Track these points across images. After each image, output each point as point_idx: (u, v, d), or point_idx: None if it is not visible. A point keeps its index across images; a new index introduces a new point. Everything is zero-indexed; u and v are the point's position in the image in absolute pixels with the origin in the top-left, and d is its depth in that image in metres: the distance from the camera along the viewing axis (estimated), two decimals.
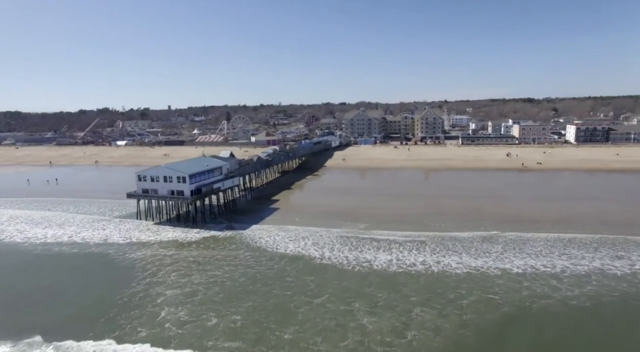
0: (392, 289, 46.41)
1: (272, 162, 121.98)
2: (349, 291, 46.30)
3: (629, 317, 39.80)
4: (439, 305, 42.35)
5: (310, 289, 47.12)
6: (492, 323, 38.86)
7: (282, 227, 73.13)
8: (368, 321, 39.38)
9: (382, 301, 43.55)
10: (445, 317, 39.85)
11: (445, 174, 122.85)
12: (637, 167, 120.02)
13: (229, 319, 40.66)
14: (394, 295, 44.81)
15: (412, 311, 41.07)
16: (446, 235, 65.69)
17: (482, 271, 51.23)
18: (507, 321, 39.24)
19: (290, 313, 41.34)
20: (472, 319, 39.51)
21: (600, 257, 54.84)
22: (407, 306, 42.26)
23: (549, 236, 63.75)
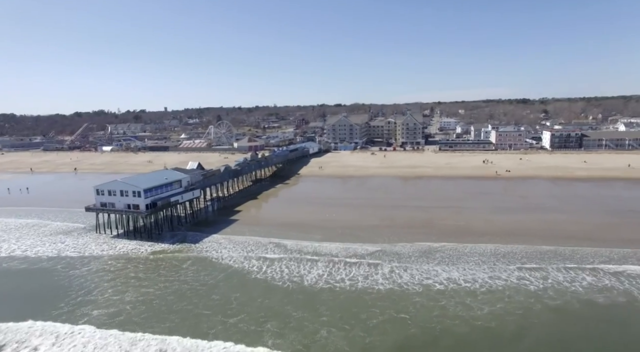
0: (309, 307, 48.11)
1: (241, 172, 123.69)
2: (267, 309, 47.99)
3: (526, 338, 41.25)
4: (348, 326, 43.98)
5: (231, 307, 48.79)
6: (393, 347, 40.35)
7: (234, 240, 75.03)
8: (272, 343, 41.03)
9: (295, 321, 45.20)
10: (348, 340, 41.40)
11: (412, 183, 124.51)
12: (600, 175, 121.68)
13: (142, 344, 42.14)
14: (308, 314, 46.49)
15: (319, 333, 42.70)
16: (388, 249, 67.39)
17: (405, 287, 52.92)
18: (408, 344, 40.79)
19: (201, 334, 42.95)
20: (374, 342, 41.08)
21: (522, 270, 56.68)
22: (316, 326, 43.91)
23: (486, 249, 65.57)
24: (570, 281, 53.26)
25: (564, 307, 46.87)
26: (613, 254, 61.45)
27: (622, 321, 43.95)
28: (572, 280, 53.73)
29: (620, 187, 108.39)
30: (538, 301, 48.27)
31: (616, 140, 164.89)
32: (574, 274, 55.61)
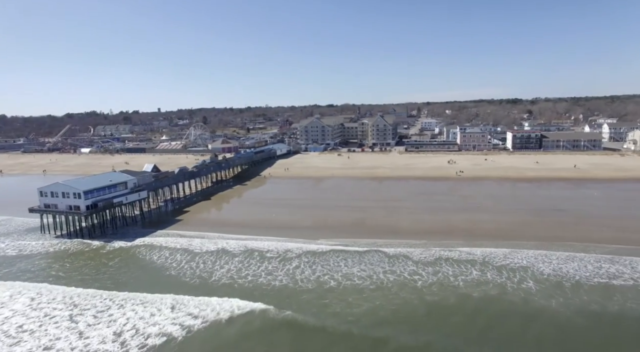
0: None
1: (198, 174, 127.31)
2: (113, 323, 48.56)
3: (392, 338, 43.31)
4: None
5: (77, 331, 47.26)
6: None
7: (170, 238, 79.18)
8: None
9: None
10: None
11: (364, 183, 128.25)
12: (546, 175, 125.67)
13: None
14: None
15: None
16: (307, 246, 71.14)
17: (299, 283, 56.50)
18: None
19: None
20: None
21: (419, 266, 60.41)
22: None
23: (398, 246, 69.06)
24: (456, 276, 57.08)
25: (438, 302, 50.22)
26: (512, 251, 65.12)
27: (491, 313, 47.45)
28: (459, 274, 57.61)
29: (556, 187, 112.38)
30: (418, 297, 51.74)
31: (573, 141, 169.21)
32: (464, 268, 59.50)
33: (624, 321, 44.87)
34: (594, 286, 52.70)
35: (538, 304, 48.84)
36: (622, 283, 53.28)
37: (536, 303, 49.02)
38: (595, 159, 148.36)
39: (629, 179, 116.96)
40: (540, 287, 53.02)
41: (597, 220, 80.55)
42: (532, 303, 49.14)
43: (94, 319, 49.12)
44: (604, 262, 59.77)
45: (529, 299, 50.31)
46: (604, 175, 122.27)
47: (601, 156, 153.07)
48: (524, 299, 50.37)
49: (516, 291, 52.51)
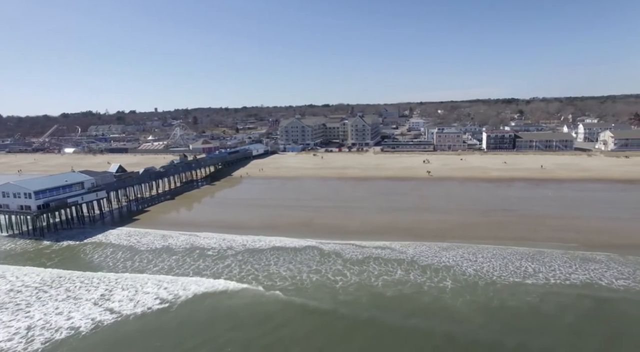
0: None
1: (165, 174, 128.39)
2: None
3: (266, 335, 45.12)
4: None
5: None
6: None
7: (113, 239, 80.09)
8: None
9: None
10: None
11: (329, 183, 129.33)
12: (509, 175, 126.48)
13: None
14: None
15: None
16: (243, 243, 73.12)
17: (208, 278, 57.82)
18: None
19: None
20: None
21: (346, 265, 61.44)
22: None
23: (327, 249, 69.11)
24: (379, 276, 58.08)
25: (348, 302, 51.00)
26: (445, 250, 66.21)
27: (394, 312, 48.62)
28: (383, 274, 58.66)
29: (515, 187, 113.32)
30: (331, 297, 52.50)
31: (545, 141, 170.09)
32: (391, 268, 60.56)
33: (517, 317, 46.04)
34: (506, 285, 53.81)
35: (444, 302, 49.93)
36: (534, 281, 54.41)
37: (443, 302, 50.10)
38: (563, 159, 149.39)
39: (587, 179, 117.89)
40: (454, 286, 54.10)
41: (539, 219, 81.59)
42: (439, 302, 50.24)
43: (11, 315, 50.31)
44: (525, 261, 60.95)
45: (440, 297, 51.41)
46: (565, 175, 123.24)
47: (570, 156, 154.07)
48: (435, 297, 51.45)
49: (431, 290, 53.59)
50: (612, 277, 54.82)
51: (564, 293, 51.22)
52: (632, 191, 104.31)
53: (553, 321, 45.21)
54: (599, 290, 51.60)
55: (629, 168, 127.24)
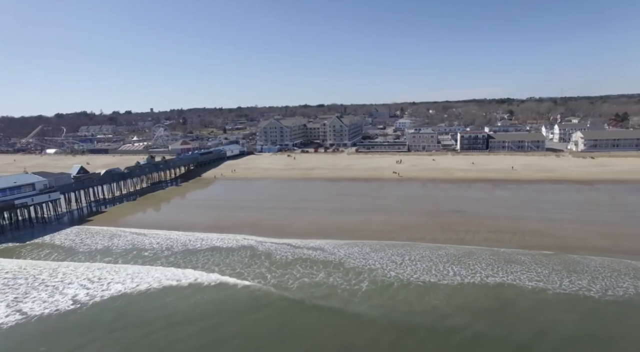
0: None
1: (130, 175, 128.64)
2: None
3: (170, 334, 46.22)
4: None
5: None
6: None
7: (57, 240, 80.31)
8: None
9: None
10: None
11: (293, 184, 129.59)
12: (474, 176, 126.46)
13: None
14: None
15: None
16: (183, 247, 72.85)
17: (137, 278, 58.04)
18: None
19: None
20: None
21: (272, 269, 61.64)
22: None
23: (260, 249, 69.51)
24: (299, 278, 58.17)
25: (250, 304, 51.39)
26: (377, 252, 66.38)
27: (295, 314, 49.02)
28: (304, 276, 58.76)
29: (475, 188, 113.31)
30: (234, 297, 53.20)
31: (518, 142, 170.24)
32: (315, 269, 60.68)
33: (417, 318, 46.31)
34: (419, 286, 54.02)
35: (350, 307, 49.68)
36: (449, 283, 54.58)
37: (350, 305, 50.01)
38: (531, 159, 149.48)
39: (547, 180, 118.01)
40: (369, 289, 54.18)
41: (483, 220, 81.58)
42: (349, 305, 50.00)
43: None
44: (451, 262, 61.02)
45: (350, 300, 51.39)
46: (528, 176, 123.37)
47: (539, 157, 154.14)
48: (344, 300, 51.40)
49: (344, 292, 53.64)
50: (526, 278, 54.96)
51: (471, 294, 51.41)
52: (585, 191, 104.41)
53: (451, 321, 45.40)
54: (506, 291, 51.85)
55: (590, 169, 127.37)
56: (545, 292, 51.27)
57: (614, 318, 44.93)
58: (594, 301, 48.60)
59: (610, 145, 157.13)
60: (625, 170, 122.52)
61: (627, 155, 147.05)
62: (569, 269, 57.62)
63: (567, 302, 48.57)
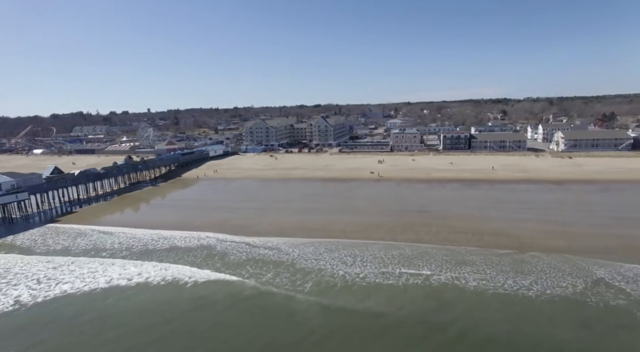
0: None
1: (106, 175, 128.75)
2: None
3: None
4: None
5: None
6: None
7: (18, 241, 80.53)
8: None
9: None
10: None
11: (269, 184, 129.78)
12: (451, 176, 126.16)
13: None
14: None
15: None
16: (144, 247, 73.03)
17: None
18: None
19: None
20: None
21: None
22: None
23: (219, 249, 70.05)
24: (249, 277, 58.39)
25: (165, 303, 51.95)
26: (330, 252, 66.49)
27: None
28: (253, 276, 58.90)
29: (448, 188, 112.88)
30: (178, 297, 53.42)
31: (499, 142, 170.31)
32: (263, 270, 60.81)
33: (350, 319, 46.39)
34: (362, 287, 54.07)
35: (287, 308, 49.80)
36: (394, 283, 54.65)
37: (288, 307, 50.03)
38: (510, 159, 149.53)
39: (521, 180, 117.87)
40: (312, 290, 53.98)
41: (447, 221, 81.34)
42: (287, 307, 50.09)
43: None
44: (403, 263, 60.99)
45: (289, 302, 51.41)
46: (503, 176, 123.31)
47: (518, 157, 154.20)
48: (283, 301, 51.44)
49: (287, 293, 53.73)
50: (472, 279, 55.01)
51: (412, 295, 51.40)
52: (555, 191, 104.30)
53: (383, 322, 45.47)
54: (448, 291, 51.92)
55: (566, 169, 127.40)
56: (486, 292, 51.33)
57: (545, 317, 44.94)
58: (529, 301, 48.68)
59: (590, 145, 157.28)
60: (597, 170, 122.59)
61: (604, 155, 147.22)
62: (517, 269, 57.71)
63: (502, 303, 48.63)
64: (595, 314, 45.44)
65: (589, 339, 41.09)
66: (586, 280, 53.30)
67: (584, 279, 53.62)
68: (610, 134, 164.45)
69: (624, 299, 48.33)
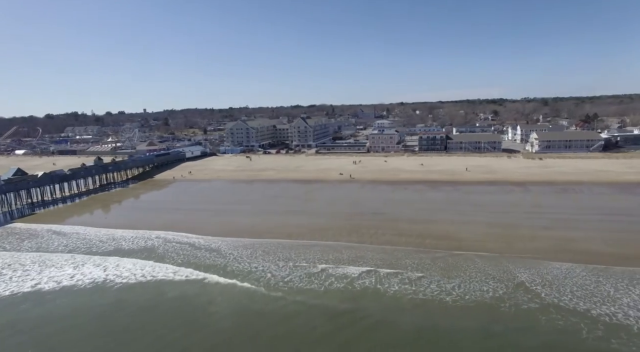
0: None
1: (73, 176, 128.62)
2: None
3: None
4: None
5: None
6: None
7: None
8: None
9: None
10: None
11: (235, 186, 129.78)
12: (415, 178, 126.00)
13: None
14: None
15: None
16: (88, 249, 72.80)
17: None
18: None
19: None
20: None
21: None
22: None
23: (163, 249, 70.14)
24: (171, 275, 58.30)
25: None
26: (265, 253, 66.48)
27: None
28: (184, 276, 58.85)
29: (411, 190, 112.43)
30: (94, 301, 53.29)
31: (475, 143, 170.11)
32: (188, 273, 60.76)
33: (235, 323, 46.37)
34: (276, 299, 53.40)
35: (198, 311, 49.90)
36: (314, 288, 54.53)
37: (195, 311, 50.10)
38: (483, 161, 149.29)
39: (487, 181, 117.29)
40: (226, 297, 54.09)
41: (395, 223, 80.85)
42: (195, 311, 50.19)
43: None
44: (331, 268, 60.73)
45: (201, 307, 51.42)
46: (469, 177, 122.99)
47: (491, 158, 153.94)
48: (194, 307, 51.43)
49: (189, 293, 54.37)
50: (395, 283, 54.81)
51: (325, 300, 51.01)
52: (514, 192, 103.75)
53: (275, 329, 45.44)
54: (365, 296, 51.86)
55: (532, 170, 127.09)
56: (404, 298, 50.98)
57: (450, 323, 44.77)
58: (443, 306, 48.47)
59: (564, 147, 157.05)
60: (563, 172, 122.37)
61: (575, 156, 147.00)
62: (445, 273, 57.52)
63: (416, 307, 48.43)
64: (504, 318, 45.27)
65: (486, 345, 40.98)
66: (508, 284, 53.17)
67: (506, 283, 53.47)
68: (582, 135, 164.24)
69: (537, 303, 48.20)
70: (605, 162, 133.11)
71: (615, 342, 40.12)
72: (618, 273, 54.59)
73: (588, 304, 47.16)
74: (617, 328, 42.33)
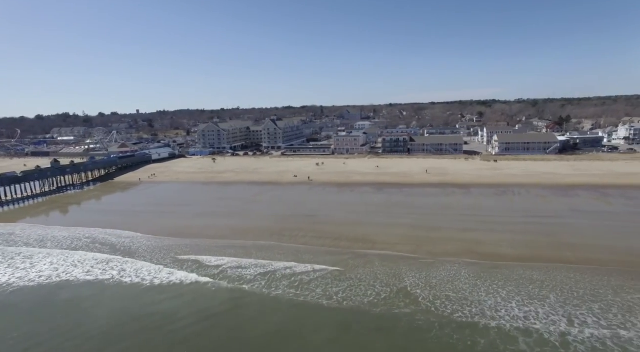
0: None
1: (25, 179, 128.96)
2: None
3: None
4: None
5: None
6: None
7: None
8: None
9: None
10: None
11: (187, 187, 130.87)
12: (366, 180, 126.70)
13: None
14: None
15: None
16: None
17: None
18: None
19: None
20: None
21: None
22: None
23: (112, 244, 70.77)
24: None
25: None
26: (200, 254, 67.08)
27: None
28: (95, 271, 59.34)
29: (359, 191, 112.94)
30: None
31: (437, 145, 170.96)
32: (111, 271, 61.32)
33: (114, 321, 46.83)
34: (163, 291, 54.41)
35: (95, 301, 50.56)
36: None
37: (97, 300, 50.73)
38: (441, 163, 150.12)
39: (433, 183, 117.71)
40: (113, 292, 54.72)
41: (322, 226, 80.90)
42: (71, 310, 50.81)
43: None
44: (234, 268, 61.35)
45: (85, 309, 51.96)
46: (418, 180, 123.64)
47: (449, 160, 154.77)
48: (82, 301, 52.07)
49: (76, 295, 55.12)
50: (282, 285, 55.28)
51: (203, 301, 51.71)
52: (454, 195, 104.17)
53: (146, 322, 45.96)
54: (251, 296, 52.44)
55: (483, 172, 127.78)
56: (282, 299, 51.48)
57: (312, 327, 45.36)
58: (320, 311, 48.70)
59: (522, 149, 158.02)
60: (512, 174, 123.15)
61: (529, 158, 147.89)
62: (340, 276, 57.83)
63: (293, 310, 49.01)
64: (387, 323, 45.30)
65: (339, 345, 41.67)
66: (392, 288, 53.56)
67: (391, 287, 53.78)
68: (540, 137, 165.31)
69: (413, 307, 48.44)
70: (556, 165, 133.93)
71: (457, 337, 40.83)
72: (499, 275, 55.32)
73: (456, 306, 47.75)
74: (466, 326, 43.17)
